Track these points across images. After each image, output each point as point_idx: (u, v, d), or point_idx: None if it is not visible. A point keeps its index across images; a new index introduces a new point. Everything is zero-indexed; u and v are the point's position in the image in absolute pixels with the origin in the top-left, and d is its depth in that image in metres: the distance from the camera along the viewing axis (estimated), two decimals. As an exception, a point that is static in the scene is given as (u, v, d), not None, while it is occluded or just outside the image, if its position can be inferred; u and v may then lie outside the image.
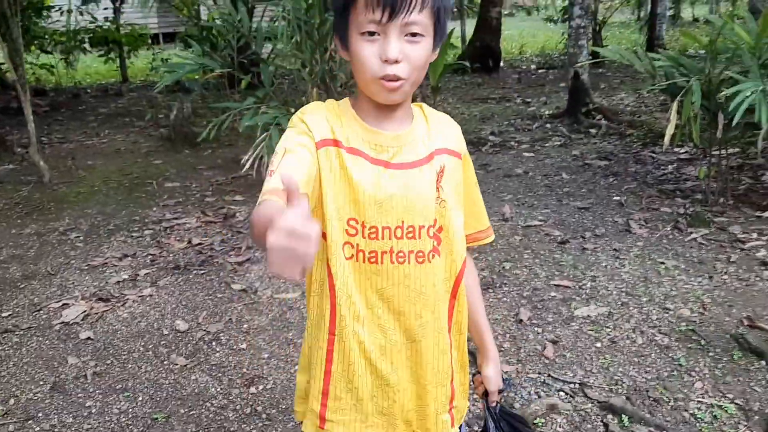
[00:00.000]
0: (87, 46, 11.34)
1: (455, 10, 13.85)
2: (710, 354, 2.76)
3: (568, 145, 6.46)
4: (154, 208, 5.11)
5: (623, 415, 2.38)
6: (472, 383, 1.44)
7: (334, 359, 1.22)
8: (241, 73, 5.92)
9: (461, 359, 1.34)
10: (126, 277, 3.84)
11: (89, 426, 2.52)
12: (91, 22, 10.92)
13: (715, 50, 3.96)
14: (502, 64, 12.35)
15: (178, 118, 7.07)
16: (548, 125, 7.33)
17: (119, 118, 8.96)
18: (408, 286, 1.21)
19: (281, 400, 2.62)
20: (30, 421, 2.57)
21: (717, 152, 4.60)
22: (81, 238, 4.53)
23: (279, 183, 1.01)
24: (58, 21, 10.76)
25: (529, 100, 9.07)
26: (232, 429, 2.47)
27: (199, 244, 4.30)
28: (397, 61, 1.12)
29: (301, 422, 1.31)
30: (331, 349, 1.22)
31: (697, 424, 2.34)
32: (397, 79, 1.13)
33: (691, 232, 4.03)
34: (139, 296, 3.58)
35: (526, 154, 6.26)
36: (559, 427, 2.36)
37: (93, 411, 2.61)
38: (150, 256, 4.13)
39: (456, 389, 1.32)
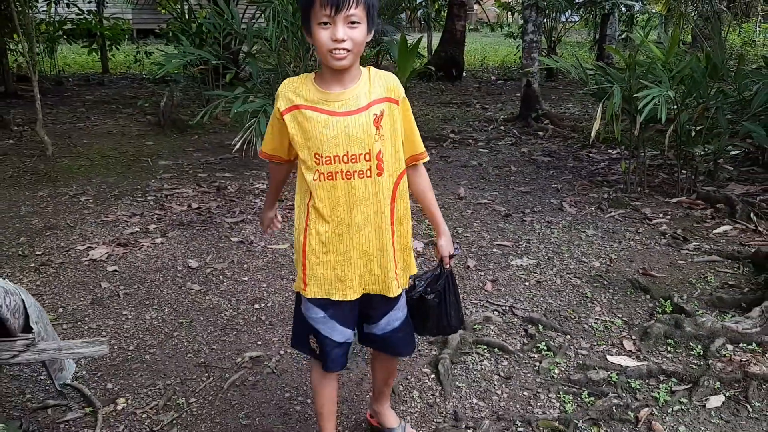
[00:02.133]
0: (69, 36, 11.82)
1: (423, 22, 14.73)
2: (610, 290, 3.60)
3: (518, 144, 7.34)
4: (152, 180, 5.77)
5: (539, 325, 3.19)
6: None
7: (307, 242, 1.91)
8: (232, 65, 6.63)
9: (403, 243, 1.99)
10: (138, 230, 4.51)
11: (128, 327, 3.21)
12: (77, 14, 11.43)
13: (634, 63, 4.85)
14: (464, 73, 13.28)
15: (167, 106, 7.70)
16: (502, 127, 8.23)
17: (105, 105, 9.53)
18: (354, 194, 1.86)
19: (279, 313, 3.35)
20: (78, 323, 3.24)
21: (639, 152, 5.51)
22: (90, 201, 5.17)
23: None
24: (43, 11, 11.24)
25: (487, 106, 9.97)
26: (242, 330, 3.19)
27: (198, 207, 4.99)
28: (343, 40, 1.76)
29: (297, 292, 2.03)
30: (305, 235, 1.91)
31: (593, 332, 3.16)
32: (345, 51, 1.76)
33: (611, 211, 4.90)
34: (153, 243, 4.26)
35: (482, 150, 7.11)
36: (491, 331, 3.15)
37: (129, 317, 3.30)
38: (156, 215, 4.81)
39: (398, 263, 1.98)
